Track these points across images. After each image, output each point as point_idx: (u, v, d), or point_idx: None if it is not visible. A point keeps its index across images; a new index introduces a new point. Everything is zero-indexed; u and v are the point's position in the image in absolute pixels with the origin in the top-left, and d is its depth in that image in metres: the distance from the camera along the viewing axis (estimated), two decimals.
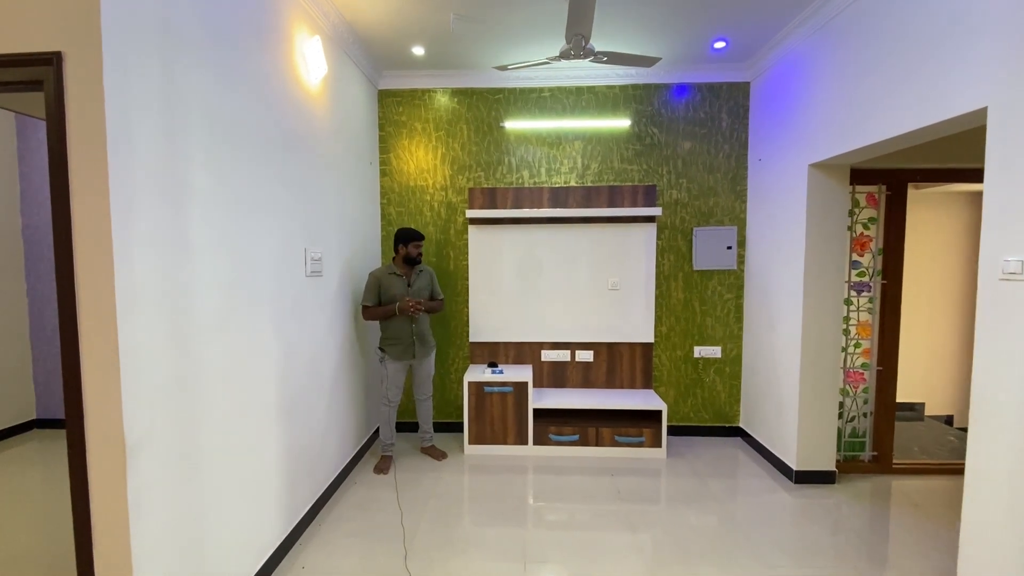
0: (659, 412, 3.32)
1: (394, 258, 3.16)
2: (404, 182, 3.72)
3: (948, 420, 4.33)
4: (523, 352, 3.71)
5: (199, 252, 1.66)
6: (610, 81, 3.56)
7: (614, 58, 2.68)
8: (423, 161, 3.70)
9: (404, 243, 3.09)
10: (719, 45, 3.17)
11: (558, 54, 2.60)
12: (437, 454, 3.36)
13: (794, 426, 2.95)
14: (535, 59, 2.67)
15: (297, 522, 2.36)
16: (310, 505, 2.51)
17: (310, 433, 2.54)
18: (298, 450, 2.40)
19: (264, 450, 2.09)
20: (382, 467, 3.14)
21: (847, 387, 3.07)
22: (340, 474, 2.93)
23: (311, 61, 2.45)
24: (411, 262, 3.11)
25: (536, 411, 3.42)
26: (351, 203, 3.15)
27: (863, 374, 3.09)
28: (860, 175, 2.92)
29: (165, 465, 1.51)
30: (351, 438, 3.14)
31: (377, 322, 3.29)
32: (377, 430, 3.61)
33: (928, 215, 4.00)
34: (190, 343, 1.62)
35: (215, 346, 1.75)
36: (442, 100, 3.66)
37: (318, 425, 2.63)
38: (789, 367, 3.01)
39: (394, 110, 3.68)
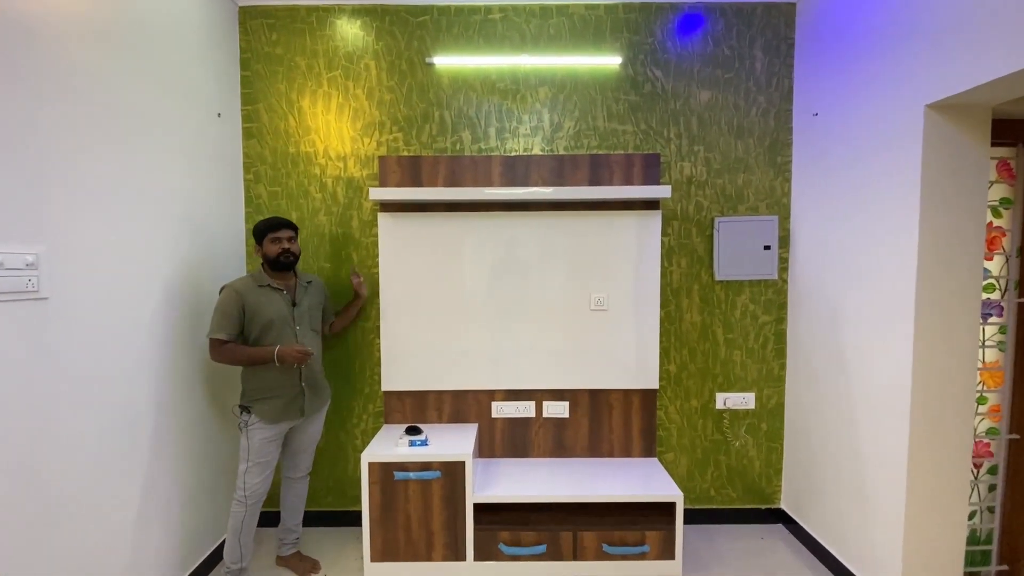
0: (671, 505, 2.12)
1: (262, 265, 2.01)
2: (280, 147, 2.44)
3: None
4: (464, 405, 2.46)
5: None
6: None
7: None
8: (310, 116, 2.43)
9: (258, 239, 1.97)
10: None
11: None
12: (302, 567, 2.12)
13: (896, 534, 1.80)
14: None
15: None
16: None
17: None
18: None
19: None
20: None
21: None
22: None
23: None
24: (280, 267, 1.95)
25: (479, 507, 2.16)
26: (156, 171, 1.84)
27: (988, 444, 1.97)
28: None
29: None
30: (165, 566, 1.82)
31: (237, 366, 1.96)
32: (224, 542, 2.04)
33: None
34: None
35: None
36: (339, 24, 2.41)
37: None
38: (882, 436, 1.86)
39: (264, 38, 2.41)
